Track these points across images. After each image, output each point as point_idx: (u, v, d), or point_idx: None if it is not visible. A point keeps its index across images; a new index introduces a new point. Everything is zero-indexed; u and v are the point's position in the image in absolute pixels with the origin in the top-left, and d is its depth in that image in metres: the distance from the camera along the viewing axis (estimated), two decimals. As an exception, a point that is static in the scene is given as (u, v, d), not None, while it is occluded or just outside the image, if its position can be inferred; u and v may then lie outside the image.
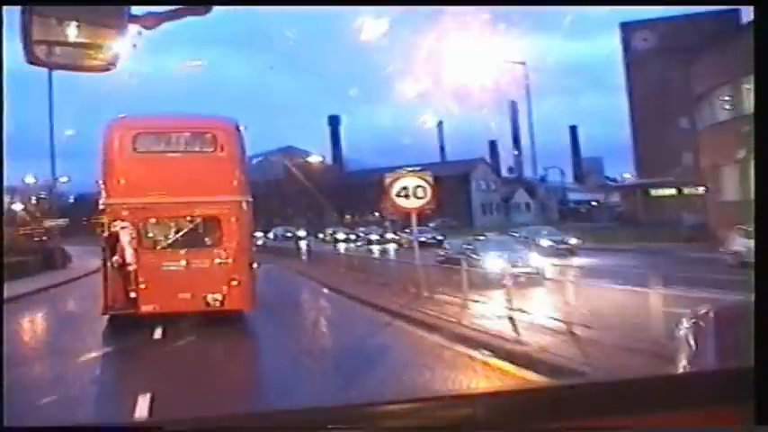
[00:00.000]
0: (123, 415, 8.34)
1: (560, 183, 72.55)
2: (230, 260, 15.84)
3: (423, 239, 43.23)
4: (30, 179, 50.77)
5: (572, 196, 74.21)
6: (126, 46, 2.43)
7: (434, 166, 71.80)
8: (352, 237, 61.56)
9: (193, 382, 10.20)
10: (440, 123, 74.09)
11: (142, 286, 15.35)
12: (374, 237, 57.28)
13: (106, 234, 15.80)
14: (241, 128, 16.70)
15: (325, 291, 23.54)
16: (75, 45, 2.40)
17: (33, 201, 58.81)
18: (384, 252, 43.08)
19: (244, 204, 16.36)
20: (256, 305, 16.17)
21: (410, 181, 19.67)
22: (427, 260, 20.73)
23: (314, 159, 68.01)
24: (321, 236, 64.43)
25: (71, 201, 75.89)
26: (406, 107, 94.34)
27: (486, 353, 11.34)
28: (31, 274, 32.42)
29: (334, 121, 76.92)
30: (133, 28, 2.42)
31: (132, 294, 15.39)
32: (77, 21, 2.36)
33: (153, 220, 16.16)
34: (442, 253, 28.27)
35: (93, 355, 13.35)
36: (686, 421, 1.47)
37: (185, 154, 16.15)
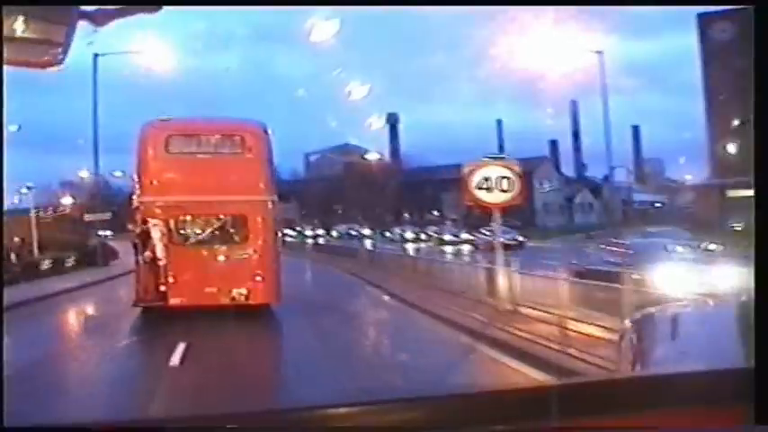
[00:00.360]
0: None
1: (625, 183, 70.72)
2: (255, 257, 16.61)
3: (505, 240, 39.64)
4: (84, 173, 51.71)
5: (636, 197, 72.91)
6: (74, 42, 2.38)
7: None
8: (423, 236, 58.14)
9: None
10: (499, 122, 73.80)
11: (171, 280, 16.19)
12: (447, 237, 53.88)
13: (139, 230, 16.68)
14: (269, 131, 17.45)
15: (389, 299, 20.80)
16: (21, 40, 2.36)
17: (79, 195, 60.61)
18: (457, 254, 40.35)
19: (270, 204, 17.12)
20: (281, 300, 16.89)
21: (493, 171, 16.47)
22: (510, 265, 16.92)
23: (372, 156, 66.83)
24: (388, 234, 61.89)
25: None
26: (464, 105, 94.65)
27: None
28: (63, 272, 31.53)
29: (392, 119, 76.65)
30: (87, 25, 2.39)
31: (162, 288, 16.23)
32: (25, 16, 2.33)
33: (183, 218, 17.00)
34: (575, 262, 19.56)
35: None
36: (686, 421, 1.46)
37: (215, 155, 16.97)
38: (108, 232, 66.63)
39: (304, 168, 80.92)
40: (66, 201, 42.53)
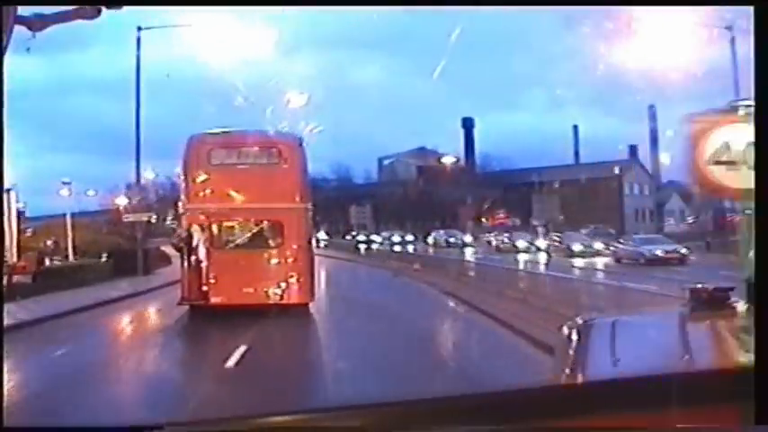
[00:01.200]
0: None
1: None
2: (290, 259, 18.07)
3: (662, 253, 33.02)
4: (149, 174, 52.69)
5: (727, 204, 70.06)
6: (11, 45, 2.76)
7: (582, 168, 64.59)
8: (541, 246, 45.00)
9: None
10: (575, 127, 73.18)
11: (212, 281, 17.77)
12: (576, 247, 44.60)
13: (184, 235, 18.33)
14: (303, 143, 18.94)
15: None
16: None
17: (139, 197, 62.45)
18: (584, 268, 31.15)
19: (304, 211, 18.61)
20: (314, 299, 18.33)
21: (737, 132, 4.24)
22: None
23: (448, 160, 64.60)
24: (493, 242, 54.02)
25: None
26: (538, 112, 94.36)
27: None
28: (89, 282, 26.42)
29: (467, 123, 76.34)
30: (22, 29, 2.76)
31: (204, 288, 17.78)
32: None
33: (224, 224, 18.58)
34: None
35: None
36: (685, 421, 1.45)
37: (253, 166, 18.52)
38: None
39: (378, 173, 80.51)
40: (121, 201, 38.88)
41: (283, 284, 17.86)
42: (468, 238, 54.59)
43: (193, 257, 18.04)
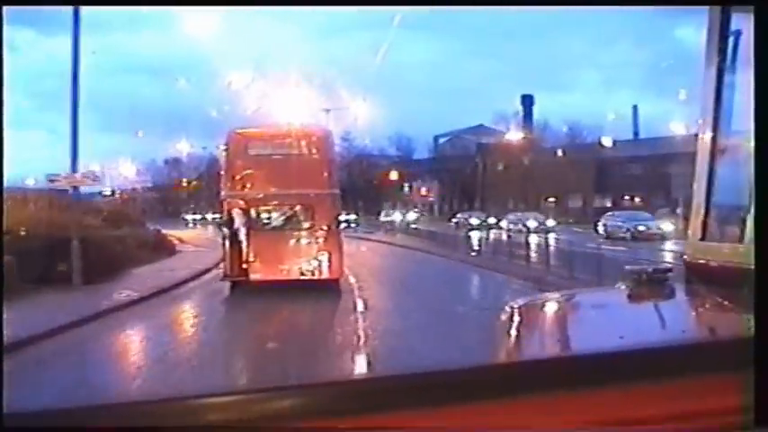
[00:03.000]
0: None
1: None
2: (321, 239, 20.47)
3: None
4: (184, 146, 51.07)
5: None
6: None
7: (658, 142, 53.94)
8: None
9: None
10: (635, 107, 71.38)
11: (251, 259, 20.11)
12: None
13: (225, 218, 20.72)
14: (332, 134, 21.42)
15: None
16: None
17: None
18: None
19: (333, 196, 21.16)
20: (342, 275, 20.84)
21: None
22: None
23: (514, 136, 60.39)
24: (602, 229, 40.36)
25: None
26: (593, 93, 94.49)
27: None
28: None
29: (527, 101, 75.54)
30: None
31: (244, 266, 20.14)
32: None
33: (261, 208, 20.93)
34: None
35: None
36: (625, 399, 1.40)
37: (287, 156, 20.87)
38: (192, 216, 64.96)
39: (435, 150, 76.25)
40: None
41: (315, 262, 20.27)
42: (550, 222, 48.18)
43: (234, 239, 20.40)
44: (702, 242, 3.01)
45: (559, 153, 59.69)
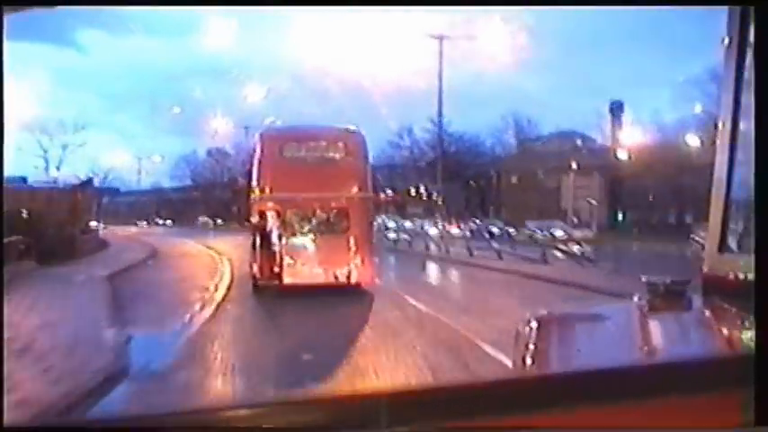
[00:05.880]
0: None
1: None
2: (355, 244, 20.57)
3: None
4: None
5: None
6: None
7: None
8: None
9: None
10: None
11: (285, 263, 20.26)
12: None
13: (256, 221, 20.91)
14: (365, 136, 21.54)
15: None
16: None
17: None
18: None
19: (367, 199, 21.27)
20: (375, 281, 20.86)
21: None
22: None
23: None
24: None
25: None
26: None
27: None
28: None
29: (616, 107, 74.78)
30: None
31: (276, 270, 20.31)
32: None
33: (295, 211, 21.06)
34: None
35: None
36: (648, 413, 1.43)
37: (321, 158, 21.03)
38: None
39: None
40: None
41: (350, 266, 20.38)
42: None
43: (266, 242, 20.60)
44: (720, 254, 2.99)
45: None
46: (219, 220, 66.25)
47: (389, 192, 62.38)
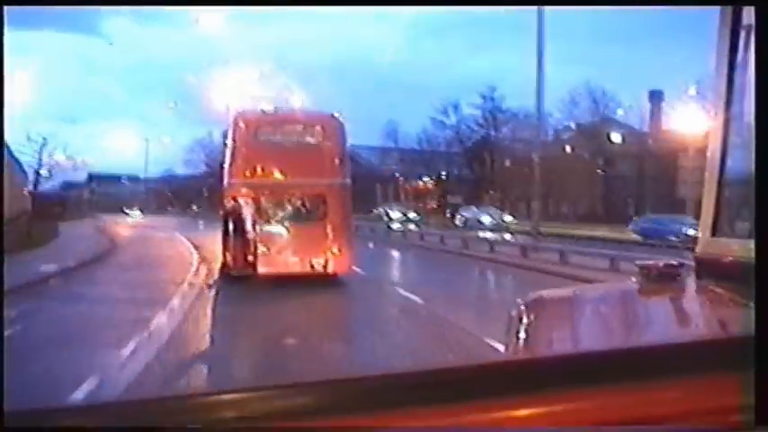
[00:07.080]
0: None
1: None
2: (332, 232, 20.29)
3: None
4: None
5: None
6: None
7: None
8: None
9: None
10: None
11: (260, 252, 20.01)
12: None
13: (229, 208, 20.61)
14: (344, 121, 21.33)
15: None
16: None
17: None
18: None
19: (345, 186, 20.91)
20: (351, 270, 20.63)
21: None
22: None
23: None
24: None
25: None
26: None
27: None
28: None
29: (655, 96, 74.57)
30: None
31: (250, 258, 20.04)
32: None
33: (269, 198, 20.71)
34: None
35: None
36: (640, 395, 1.40)
37: (298, 143, 20.84)
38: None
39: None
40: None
41: (327, 254, 20.11)
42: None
43: (240, 230, 20.30)
44: (713, 237, 2.97)
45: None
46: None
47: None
